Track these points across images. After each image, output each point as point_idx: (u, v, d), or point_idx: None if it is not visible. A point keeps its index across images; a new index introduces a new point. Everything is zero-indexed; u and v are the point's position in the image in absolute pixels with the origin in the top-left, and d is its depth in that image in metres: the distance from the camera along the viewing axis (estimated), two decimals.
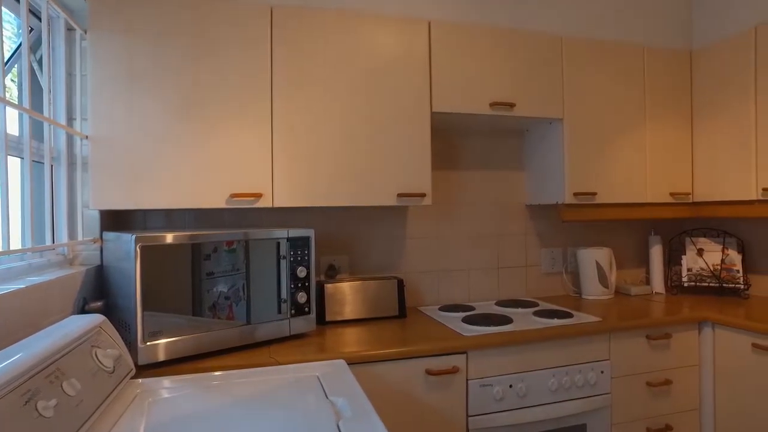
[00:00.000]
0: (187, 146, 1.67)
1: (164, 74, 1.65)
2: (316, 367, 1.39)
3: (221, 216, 2.05)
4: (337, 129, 1.84)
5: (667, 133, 2.36)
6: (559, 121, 2.18)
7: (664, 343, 2.00)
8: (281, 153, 1.77)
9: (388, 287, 2.01)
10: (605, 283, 2.39)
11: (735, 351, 1.93)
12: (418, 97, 1.94)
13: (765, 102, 2.08)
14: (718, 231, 2.51)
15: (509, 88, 2.07)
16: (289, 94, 1.78)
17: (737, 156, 2.19)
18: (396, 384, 1.61)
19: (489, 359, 1.73)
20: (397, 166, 1.91)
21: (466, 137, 2.39)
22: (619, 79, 2.27)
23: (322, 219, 2.16)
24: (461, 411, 1.69)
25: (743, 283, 2.36)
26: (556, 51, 2.16)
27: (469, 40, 2.02)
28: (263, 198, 1.75)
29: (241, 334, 1.56)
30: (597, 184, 2.21)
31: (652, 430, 1.97)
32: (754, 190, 2.12)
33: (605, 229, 2.64)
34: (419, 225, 2.30)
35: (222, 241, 1.53)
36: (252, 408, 1.10)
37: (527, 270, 2.48)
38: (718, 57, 2.28)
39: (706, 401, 2.04)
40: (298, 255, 1.70)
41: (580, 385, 1.84)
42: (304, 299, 1.69)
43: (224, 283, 1.54)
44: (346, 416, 1.05)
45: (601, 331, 1.87)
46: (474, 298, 2.39)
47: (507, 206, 2.45)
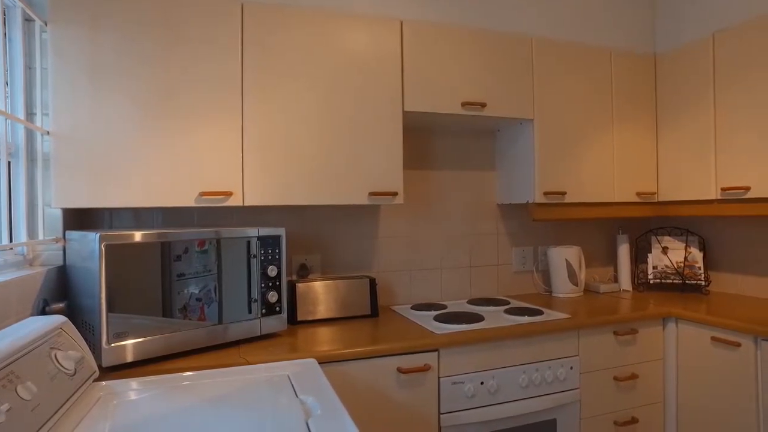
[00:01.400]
0: (156, 143, 1.63)
1: (132, 69, 1.61)
2: (286, 367, 1.37)
3: (191, 215, 2.01)
4: (309, 127, 1.83)
5: (633, 134, 2.42)
6: (530, 122, 2.22)
7: (630, 338, 2.05)
8: (252, 151, 1.75)
9: (361, 286, 2.01)
10: (575, 281, 2.43)
11: (696, 344, 1.99)
12: (390, 97, 1.94)
13: (723, 106, 2.15)
14: (682, 230, 2.59)
15: (480, 89, 2.10)
16: (261, 92, 1.76)
17: (698, 157, 2.26)
18: (368, 382, 1.60)
19: (460, 357, 1.74)
20: (369, 165, 1.91)
21: (438, 137, 2.40)
22: (588, 82, 2.32)
23: (294, 218, 2.14)
24: (433, 408, 1.69)
25: (704, 280, 2.44)
26: (526, 53, 2.19)
27: (441, 40, 2.03)
28: (234, 196, 1.73)
29: (210, 334, 1.54)
30: (566, 184, 2.25)
31: (619, 424, 2.01)
32: (713, 190, 2.19)
33: (575, 228, 2.69)
34: (392, 224, 2.31)
35: (192, 240, 1.50)
36: (221, 408, 1.08)
37: (499, 269, 2.51)
38: (680, 62, 2.36)
39: (670, 393, 2.10)
40: (269, 254, 1.68)
41: (549, 381, 1.87)
42: (275, 298, 1.67)
43: (195, 285, 1.51)
44: (315, 414, 1.04)
45: (570, 327, 1.91)
46: (446, 296, 2.40)
47: (479, 206, 2.48)
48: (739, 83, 2.08)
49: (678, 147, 2.37)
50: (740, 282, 2.40)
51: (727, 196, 2.13)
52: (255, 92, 1.76)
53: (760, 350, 1.76)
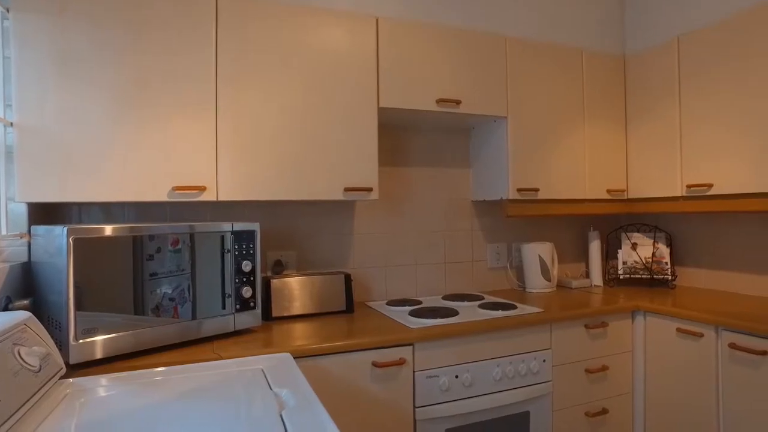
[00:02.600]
0: (127, 136, 1.60)
1: (102, 60, 1.57)
2: (260, 361, 1.36)
3: (163, 211, 1.98)
4: (284, 122, 1.82)
5: (603, 133, 2.48)
6: (504, 120, 2.25)
7: (601, 331, 2.09)
8: (226, 145, 1.73)
9: (336, 282, 2.00)
10: (548, 276, 2.47)
11: (663, 336, 2.05)
12: (365, 92, 1.95)
13: (687, 106, 2.22)
14: (650, 226, 2.66)
15: (455, 86, 2.12)
16: (235, 86, 1.75)
17: (664, 156, 2.33)
18: (343, 377, 1.60)
19: (435, 351, 1.75)
20: (344, 160, 1.91)
21: (414, 134, 2.42)
22: (560, 81, 2.37)
23: (269, 214, 2.13)
24: (408, 402, 1.70)
25: (671, 275, 2.51)
26: (500, 51, 2.22)
27: (416, 37, 2.05)
28: (207, 191, 1.71)
29: (183, 330, 1.51)
30: (539, 181, 2.29)
31: (590, 414, 2.05)
32: (679, 187, 2.26)
33: (548, 225, 2.74)
34: (367, 221, 2.31)
35: (165, 236, 1.47)
36: (193, 402, 1.07)
37: (473, 265, 2.54)
38: (647, 64, 2.42)
39: (638, 384, 2.15)
40: (244, 249, 1.66)
41: (523, 374, 1.90)
42: (249, 294, 1.66)
43: (168, 285, 1.48)
44: (289, 406, 1.04)
45: (543, 321, 1.94)
46: (421, 292, 2.42)
47: (454, 202, 2.50)
48: (702, 84, 2.15)
49: (646, 146, 2.44)
50: (704, 276, 2.48)
51: (691, 193, 2.20)
52: (230, 86, 1.74)
53: (720, 339, 1.82)
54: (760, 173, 1.93)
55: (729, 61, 2.05)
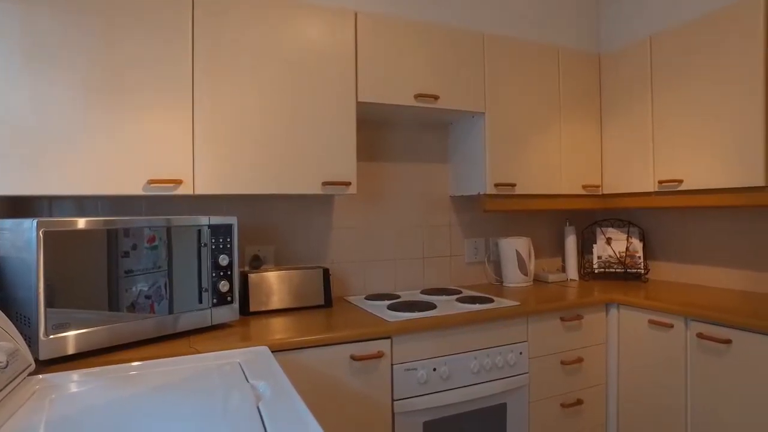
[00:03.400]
0: (101, 127, 1.57)
1: (73, 49, 1.54)
2: (237, 354, 1.36)
3: (139, 205, 1.95)
4: (262, 115, 1.81)
5: (579, 129, 2.52)
6: (481, 115, 2.27)
7: (576, 324, 2.13)
8: (203, 138, 1.71)
9: (314, 277, 2.00)
10: (525, 271, 2.51)
11: (635, 327, 2.09)
12: (343, 87, 1.94)
13: (659, 104, 2.28)
14: (624, 221, 2.72)
15: (434, 81, 2.13)
16: (212, 78, 1.73)
17: (638, 152, 2.38)
18: (321, 370, 1.60)
19: (413, 344, 1.76)
20: (323, 154, 1.90)
21: (393, 130, 2.43)
22: (537, 78, 2.40)
23: (247, 209, 2.11)
24: (386, 395, 1.71)
25: (644, 269, 2.57)
26: (478, 47, 2.24)
27: (395, 32, 2.05)
28: (183, 185, 1.69)
29: (159, 324, 1.49)
30: (516, 176, 2.32)
31: (565, 406, 2.09)
32: (651, 183, 2.32)
33: (525, 220, 2.77)
34: (346, 215, 2.31)
35: (141, 231, 1.45)
36: (169, 395, 1.06)
37: (451, 260, 2.56)
38: (621, 62, 2.47)
39: (612, 375, 2.20)
40: (221, 243, 1.65)
41: (500, 366, 1.92)
42: (226, 288, 1.65)
43: (145, 282, 1.46)
44: (266, 398, 1.04)
45: (520, 314, 1.97)
46: (400, 287, 2.43)
47: (432, 198, 2.52)
48: (673, 83, 2.21)
49: (620, 142, 2.49)
50: (675, 270, 2.54)
51: (663, 189, 2.25)
52: (207, 78, 1.72)
53: (689, 329, 1.88)
54: (728, 169, 1.99)
55: (698, 60, 2.10)
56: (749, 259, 2.22)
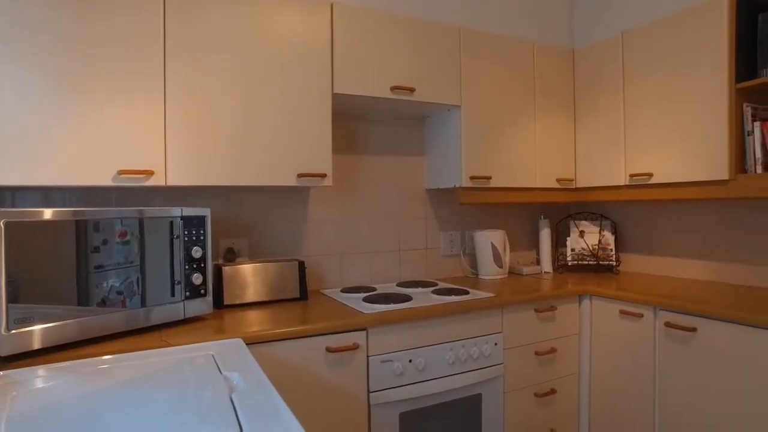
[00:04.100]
0: (68, 117, 1.52)
1: (40, 36, 1.49)
2: (210, 347, 1.34)
3: (108, 197, 1.90)
4: (236, 105, 1.78)
5: (553, 123, 2.56)
6: (457, 108, 2.28)
7: (550, 315, 2.17)
8: (175, 128, 1.68)
9: (289, 269, 1.99)
10: (500, 263, 2.54)
11: (607, 318, 2.14)
12: (319, 78, 1.93)
13: (631, 100, 2.32)
14: (596, 214, 2.77)
15: (410, 74, 2.13)
16: (185, 67, 1.69)
17: (610, 146, 2.43)
18: (296, 363, 1.60)
19: (389, 335, 1.77)
20: (298, 145, 1.89)
21: (369, 123, 2.42)
22: (512, 72, 2.42)
23: (221, 201, 2.08)
24: (362, 387, 1.71)
25: (615, 261, 2.63)
26: (454, 41, 2.25)
27: (371, 24, 2.04)
28: (155, 176, 1.65)
29: (130, 318, 1.47)
30: (491, 169, 2.34)
31: (539, 395, 2.13)
32: (623, 177, 2.36)
33: (500, 214, 2.80)
34: (322, 208, 2.30)
35: (112, 225, 1.41)
36: (140, 388, 1.04)
37: (427, 252, 2.57)
38: (594, 58, 2.51)
39: (584, 364, 2.25)
40: (194, 235, 1.62)
41: (475, 357, 1.94)
42: (199, 281, 1.62)
43: (116, 277, 1.43)
44: (239, 389, 1.03)
45: (494, 305, 1.99)
46: (376, 280, 2.43)
47: (408, 191, 2.52)
48: (643, 79, 2.25)
49: (593, 136, 2.53)
50: (646, 261, 2.60)
51: (634, 182, 2.30)
52: (179, 67, 1.69)
53: (658, 319, 1.93)
54: (694, 163, 2.04)
55: (667, 57, 2.15)
56: (715, 251, 2.29)
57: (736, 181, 1.92)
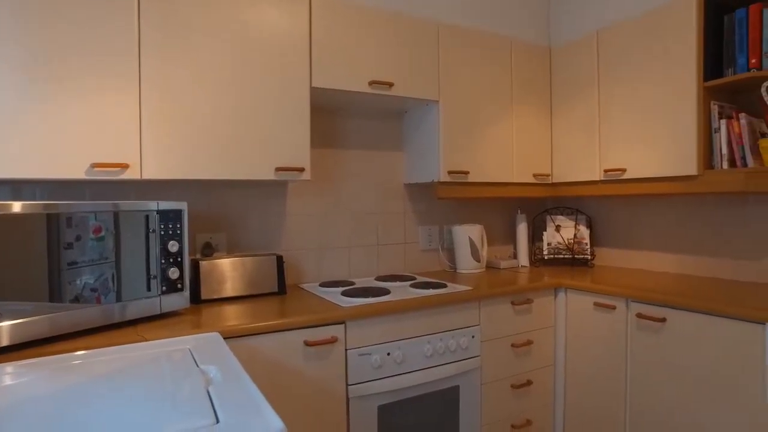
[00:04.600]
0: (39, 107, 1.49)
1: (9, 26, 1.45)
2: (187, 341, 1.33)
3: (81, 191, 1.87)
4: (214, 99, 1.77)
5: (530, 119, 2.60)
6: (435, 103, 2.30)
7: (526, 307, 2.21)
8: (151, 121, 1.66)
9: (267, 264, 1.98)
10: (477, 257, 2.57)
11: (581, 310, 2.19)
12: (297, 71, 1.92)
13: (605, 96, 2.37)
14: (572, 209, 2.82)
15: (388, 69, 2.14)
16: (161, 58, 1.67)
17: (585, 142, 2.48)
18: (275, 356, 1.60)
19: (367, 329, 1.78)
20: (276, 139, 1.88)
21: (348, 117, 2.42)
22: (490, 68, 2.44)
23: (198, 195, 2.06)
24: (341, 380, 1.72)
25: (590, 255, 2.68)
26: (433, 37, 2.26)
27: (350, 18, 2.04)
28: (131, 169, 1.63)
29: (104, 313, 1.45)
30: (469, 164, 2.37)
31: (515, 386, 2.16)
32: (597, 172, 2.41)
33: (478, 208, 2.83)
34: (300, 202, 2.29)
35: (86, 219, 1.39)
36: (114, 383, 1.03)
37: (406, 247, 2.59)
38: (570, 55, 2.56)
39: (559, 356, 2.29)
40: (170, 229, 1.61)
41: (453, 350, 1.97)
42: (176, 275, 1.61)
43: (90, 274, 1.40)
44: (216, 381, 1.02)
45: (472, 298, 2.02)
46: (355, 274, 2.44)
47: (387, 185, 2.53)
48: (618, 76, 2.30)
49: (569, 132, 2.58)
50: (619, 255, 2.66)
51: (608, 177, 2.35)
52: (154, 58, 1.66)
53: (629, 310, 1.98)
54: (665, 159, 2.10)
55: (639, 56, 2.20)
56: (685, 245, 2.35)
57: (704, 176, 1.98)
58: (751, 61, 1.87)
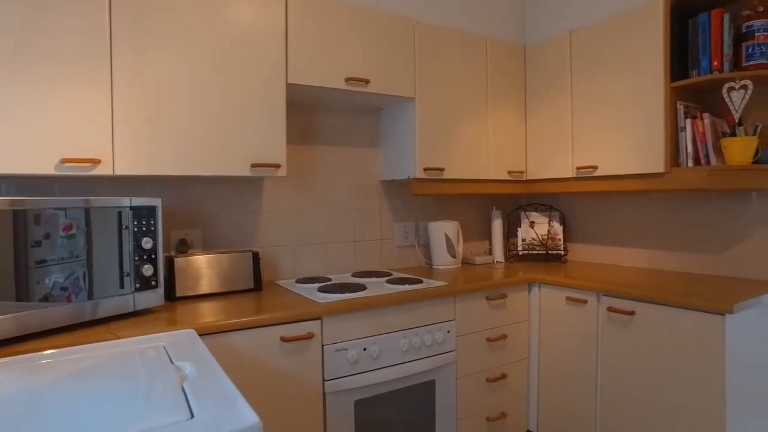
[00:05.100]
0: (4, 99, 1.45)
1: None
2: (162, 338, 1.32)
3: (51, 187, 1.82)
4: (188, 93, 1.75)
5: (505, 117, 2.63)
6: (411, 100, 2.32)
7: (501, 302, 2.24)
8: (124, 115, 1.63)
9: (243, 260, 1.97)
10: (453, 253, 2.60)
11: (554, 304, 2.24)
12: (273, 67, 1.91)
13: (578, 96, 2.42)
14: (546, 206, 2.87)
15: (365, 66, 2.14)
16: (133, 53, 1.64)
17: (558, 140, 2.53)
18: (251, 353, 1.59)
19: (343, 324, 1.79)
20: (252, 135, 1.87)
21: (325, 114, 2.42)
22: (465, 66, 2.47)
23: (173, 191, 2.04)
24: (317, 376, 1.73)
25: (563, 250, 2.74)
26: (409, 33, 2.28)
27: (326, 14, 2.04)
28: (102, 164, 1.60)
29: (75, 311, 1.42)
30: (445, 161, 2.39)
31: (491, 380, 2.20)
32: (570, 169, 2.47)
33: (453, 205, 2.87)
34: (276, 199, 2.29)
35: (56, 217, 1.36)
36: (86, 381, 1.01)
37: (382, 243, 2.60)
38: (544, 54, 2.60)
39: (533, 349, 2.34)
40: (143, 226, 1.59)
41: (428, 345, 1.99)
42: (150, 272, 1.59)
43: (60, 273, 1.37)
44: (191, 377, 1.02)
45: (447, 294, 2.04)
46: (331, 270, 2.44)
47: (363, 182, 2.54)
48: (589, 75, 2.35)
49: (543, 130, 2.62)
50: (591, 251, 2.73)
51: (580, 174, 2.41)
52: (127, 52, 1.63)
53: (600, 304, 2.03)
54: (634, 157, 2.16)
55: (610, 56, 2.25)
56: (653, 240, 2.42)
57: (671, 174, 2.04)
58: (713, 63, 1.94)
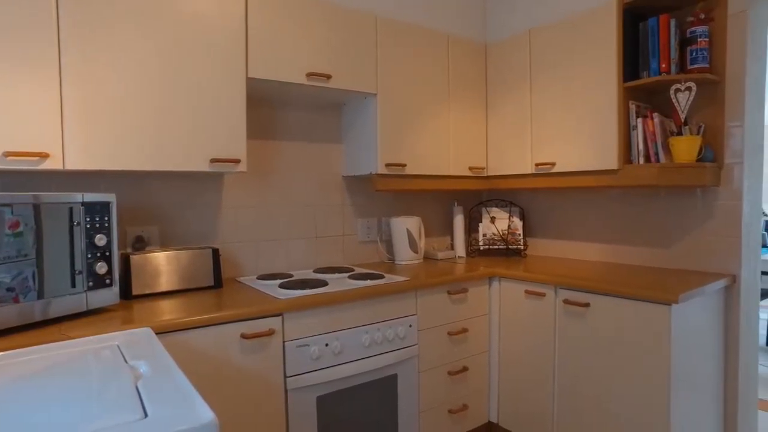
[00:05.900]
0: None
1: None
2: (116, 337, 1.29)
3: None
4: (144, 86, 1.70)
5: (466, 113, 2.67)
6: (373, 96, 2.32)
7: (462, 297, 2.28)
8: (74, 107, 1.57)
9: (203, 257, 1.94)
10: (415, 248, 2.62)
11: (514, 298, 2.29)
12: (232, 61, 1.88)
13: (537, 93, 2.48)
14: (506, 201, 2.94)
15: (326, 61, 2.13)
16: (83, 41, 1.58)
17: (518, 137, 2.59)
18: (211, 351, 1.57)
19: (305, 320, 1.78)
20: (211, 130, 1.84)
21: (286, 109, 2.40)
22: (427, 62, 2.49)
23: (129, 187, 1.98)
24: (279, 372, 1.72)
25: (523, 245, 2.81)
26: (371, 29, 2.28)
27: (287, 8, 2.02)
28: (51, 159, 1.54)
29: (23, 312, 1.37)
30: (406, 157, 2.41)
31: (452, 373, 2.24)
32: (529, 166, 2.53)
33: (415, 200, 2.89)
34: (237, 194, 2.25)
35: (1, 214, 1.30)
36: (35, 383, 0.98)
37: (344, 239, 2.60)
38: (504, 52, 2.65)
39: (493, 342, 2.40)
40: (97, 222, 1.54)
41: (390, 339, 2.01)
42: (104, 270, 1.54)
43: (6, 272, 1.31)
44: (146, 376, 1.00)
45: (409, 289, 2.06)
46: (293, 267, 2.43)
47: (325, 178, 2.53)
48: (548, 74, 2.42)
49: (503, 127, 2.68)
50: (550, 245, 2.81)
51: (539, 171, 2.47)
52: (76, 41, 1.57)
53: (557, 297, 2.10)
54: (590, 154, 2.23)
55: (568, 55, 2.32)
56: (607, 235, 2.51)
57: (623, 170, 2.12)
58: (662, 65, 2.02)
